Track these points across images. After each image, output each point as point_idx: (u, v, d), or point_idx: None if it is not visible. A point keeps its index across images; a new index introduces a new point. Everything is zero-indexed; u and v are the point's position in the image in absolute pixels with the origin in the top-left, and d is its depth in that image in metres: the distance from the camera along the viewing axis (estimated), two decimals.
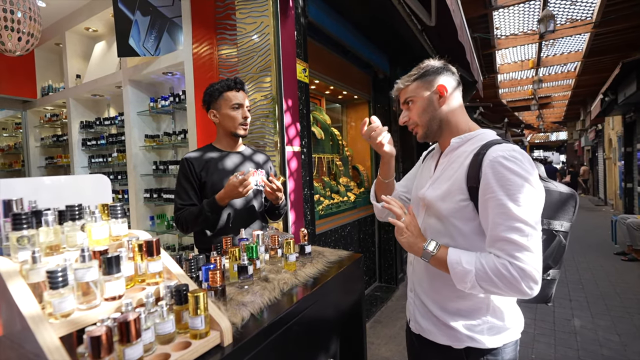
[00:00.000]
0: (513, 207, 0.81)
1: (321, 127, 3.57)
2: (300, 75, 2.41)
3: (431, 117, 1.01)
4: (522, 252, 0.80)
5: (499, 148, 0.87)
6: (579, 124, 16.95)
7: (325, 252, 1.31)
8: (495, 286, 0.81)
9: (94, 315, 0.67)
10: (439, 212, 0.97)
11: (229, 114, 1.52)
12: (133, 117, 2.81)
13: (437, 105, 1.01)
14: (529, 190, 0.82)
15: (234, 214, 1.52)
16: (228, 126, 1.54)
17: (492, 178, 0.84)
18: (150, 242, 0.81)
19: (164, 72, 2.67)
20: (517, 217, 0.81)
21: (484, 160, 0.87)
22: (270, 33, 2.21)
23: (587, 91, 11.13)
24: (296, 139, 2.33)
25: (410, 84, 1.03)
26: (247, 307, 0.89)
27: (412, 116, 1.04)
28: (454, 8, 2.64)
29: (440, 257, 0.88)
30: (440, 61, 1.04)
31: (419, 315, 1.04)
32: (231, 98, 1.52)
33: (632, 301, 3.55)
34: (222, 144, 1.61)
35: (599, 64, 8.45)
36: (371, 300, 3.79)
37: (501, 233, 0.82)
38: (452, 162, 0.99)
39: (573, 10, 6.12)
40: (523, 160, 0.85)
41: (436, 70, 1.02)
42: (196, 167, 1.51)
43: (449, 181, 0.96)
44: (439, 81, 1.01)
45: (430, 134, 1.04)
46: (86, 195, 0.98)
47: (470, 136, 0.99)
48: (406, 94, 1.04)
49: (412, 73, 1.04)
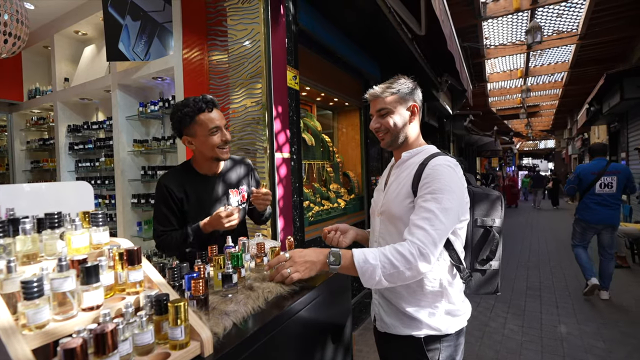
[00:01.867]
0: (432, 204, 0.98)
1: (312, 133, 3.58)
2: (291, 82, 2.42)
3: (401, 130, 1.14)
4: (423, 233, 0.94)
5: (439, 158, 1.06)
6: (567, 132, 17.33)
7: None
8: (397, 271, 0.93)
9: (70, 326, 0.66)
10: (391, 215, 1.10)
11: (207, 140, 1.35)
12: (122, 121, 2.78)
13: (408, 122, 1.15)
14: (449, 192, 0.99)
15: None
16: (208, 153, 1.39)
17: (426, 177, 1.03)
18: (132, 250, 0.80)
19: (153, 77, 2.65)
20: (430, 209, 0.97)
21: (425, 170, 1.04)
22: (261, 40, 2.22)
23: (574, 101, 11.41)
24: (286, 146, 2.33)
25: (389, 95, 1.13)
26: (230, 316, 0.88)
27: (385, 125, 1.14)
28: (443, 18, 2.69)
29: (347, 263, 0.97)
30: (413, 82, 1.17)
31: (384, 313, 1.13)
32: (206, 122, 1.34)
33: (616, 307, 3.61)
34: (202, 167, 1.46)
35: (584, 75, 8.68)
36: (361, 307, 3.78)
37: (415, 220, 0.98)
38: (402, 172, 1.14)
39: (559, 22, 6.30)
40: (454, 168, 1.04)
41: (411, 90, 1.15)
42: (176, 192, 1.40)
43: (399, 187, 1.11)
44: (413, 101, 1.15)
45: (394, 144, 1.17)
46: (68, 202, 0.96)
47: (418, 150, 1.16)
48: (384, 104, 1.14)
49: (391, 86, 1.14)
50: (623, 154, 8.07)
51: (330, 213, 3.45)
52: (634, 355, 2.67)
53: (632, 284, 4.36)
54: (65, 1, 3.01)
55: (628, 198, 7.69)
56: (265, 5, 2.24)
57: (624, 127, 7.90)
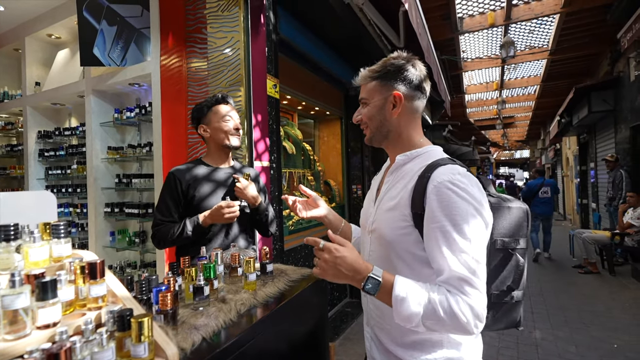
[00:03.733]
0: (459, 240, 0.76)
1: (293, 142, 3.58)
2: (271, 90, 2.42)
3: (380, 124, 0.94)
4: (472, 289, 0.74)
5: (444, 171, 0.81)
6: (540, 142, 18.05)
7: (287, 271, 1.28)
8: (442, 325, 0.74)
9: (21, 346, 0.62)
10: (383, 238, 0.89)
11: (220, 125, 1.51)
12: (95, 127, 2.70)
13: (388, 114, 0.93)
14: (475, 219, 0.78)
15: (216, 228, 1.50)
16: (220, 138, 1.52)
17: (438, 206, 0.78)
18: (94, 263, 0.76)
19: (130, 83, 2.59)
20: (464, 250, 0.76)
21: (429, 185, 0.81)
22: (240, 48, 2.22)
23: (546, 112, 11.91)
24: (265, 154, 2.32)
25: (369, 82, 0.95)
26: (200, 330, 0.85)
27: (363, 117, 0.97)
28: (420, 31, 2.76)
29: (385, 297, 0.77)
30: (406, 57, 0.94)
31: (376, 351, 0.95)
32: (221, 111, 1.53)
33: (587, 312, 3.73)
34: (212, 159, 1.58)
35: (555, 88, 9.10)
36: (341, 316, 3.76)
37: (450, 267, 0.76)
38: (397, 182, 0.92)
39: (531, 38, 6.59)
40: (468, 184, 0.80)
41: (398, 69, 0.91)
42: (183, 183, 1.47)
43: (393, 203, 0.89)
44: (397, 87, 0.91)
45: (375, 140, 0.97)
46: (28, 213, 0.91)
47: (417, 153, 0.93)
48: (363, 93, 0.97)
49: (375, 69, 0.95)
50: (592, 163, 8.46)
51: (310, 222, 3.43)
52: (605, 359, 2.76)
53: (602, 289, 4.53)
54: (38, 3, 2.92)
55: (597, 206, 8.04)
56: (246, 14, 2.24)
57: (592, 138, 8.30)
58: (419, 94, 0.94)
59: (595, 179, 8.17)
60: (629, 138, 5.88)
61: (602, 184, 7.54)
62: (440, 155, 0.91)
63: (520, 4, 5.33)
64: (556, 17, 5.53)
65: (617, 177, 5.71)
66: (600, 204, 7.81)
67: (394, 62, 0.93)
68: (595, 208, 8.13)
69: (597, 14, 5.34)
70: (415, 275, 0.81)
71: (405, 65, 0.92)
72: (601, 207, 7.49)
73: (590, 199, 8.95)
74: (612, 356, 2.79)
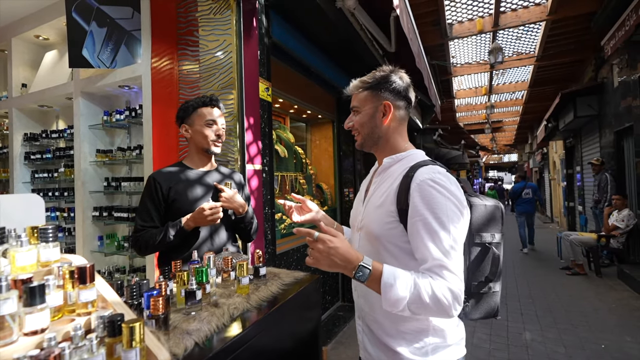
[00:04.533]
0: (439, 231, 0.83)
1: (285, 145, 3.58)
2: (263, 94, 2.42)
3: (371, 131, 1.01)
4: (450, 274, 0.81)
5: (425, 171, 0.90)
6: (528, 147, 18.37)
7: (281, 274, 1.28)
8: (425, 308, 0.79)
9: (8, 353, 0.60)
10: (371, 233, 0.97)
11: (202, 130, 1.47)
12: (84, 130, 2.65)
13: (379, 122, 1.00)
14: (454, 212, 0.85)
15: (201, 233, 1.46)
16: (200, 142, 1.49)
17: (420, 201, 0.86)
18: (83, 268, 0.74)
19: (120, 85, 2.56)
20: (443, 240, 0.83)
21: (412, 183, 0.89)
22: (233, 51, 2.21)
23: (533, 117, 12.16)
24: (257, 157, 2.31)
25: (360, 91, 1.02)
26: (192, 335, 0.84)
27: (355, 124, 1.04)
28: (411, 37, 2.80)
29: (374, 283, 0.82)
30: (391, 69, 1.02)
31: (368, 342, 1.00)
32: (205, 114, 1.48)
33: (575, 314, 3.79)
34: (194, 162, 1.54)
35: (542, 93, 9.30)
36: (334, 320, 3.75)
37: (432, 256, 0.82)
38: (383, 182, 1.00)
39: (518, 44, 6.74)
40: (447, 182, 0.88)
41: (386, 81, 0.99)
42: (163, 186, 1.42)
43: (380, 201, 0.96)
44: (387, 97, 0.99)
45: (366, 145, 1.05)
46: (15, 217, 0.89)
47: (402, 156, 1.00)
48: (355, 101, 1.04)
49: (366, 80, 1.02)
50: (578, 167, 8.65)
51: (302, 225, 3.42)
52: None
53: (589, 291, 4.61)
54: (25, 4, 2.87)
55: (583, 209, 8.22)
56: (238, 17, 2.24)
57: (578, 142, 8.50)
58: (405, 102, 1.02)
59: (581, 182, 8.36)
60: (613, 142, 6.04)
61: (588, 187, 7.72)
62: (422, 157, 0.99)
63: (508, 11, 5.45)
64: (542, 24, 5.67)
65: (603, 181, 5.85)
66: (586, 206, 7.98)
67: (382, 74, 1.01)
68: (582, 211, 8.30)
69: (582, 21, 5.49)
70: (402, 266, 0.86)
71: (392, 77, 1.00)
72: (587, 210, 7.65)
73: (576, 202, 9.13)
74: (599, 357, 2.84)
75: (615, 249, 5.21)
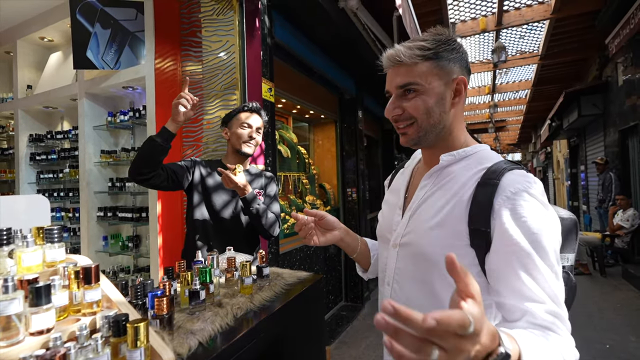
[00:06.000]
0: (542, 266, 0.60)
1: (288, 145, 3.58)
2: (266, 94, 2.42)
3: (438, 119, 0.72)
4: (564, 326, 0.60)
5: (516, 178, 0.65)
6: (531, 146, 18.28)
7: (284, 274, 1.28)
8: None
9: (14, 353, 0.61)
10: (421, 255, 0.72)
11: (237, 131, 1.62)
12: (88, 131, 2.67)
13: (448, 105, 0.73)
14: (557, 238, 0.64)
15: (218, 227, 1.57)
16: (234, 143, 1.63)
17: (514, 223, 0.62)
18: (89, 268, 0.75)
19: (124, 86, 2.58)
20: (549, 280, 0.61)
21: (498, 196, 0.64)
22: (235, 52, 2.22)
23: (537, 116, 12.09)
24: (260, 158, 2.31)
25: (419, 61, 0.71)
26: (196, 335, 0.85)
27: (410, 110, 0.72)
28: (414, 36, 2.79)
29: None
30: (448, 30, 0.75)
31: None
32: (242, 118, 1.63)
33: (580, 313, 3.77)
34: (228, 161, 1.68)
35: (545, 92, 9.25)
36: (337, 320, 3.75)
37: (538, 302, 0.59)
38: (441, 188, 0.74)
39: (522, 43, 6.71)
40: (544, 195, 0.65)
41: (454, 47, 0.72)
42: (198, 167, 1.61)
43: (440, 216, 0.71)
44: (456, 70, 0.72)
45: (425, 140, 0.75)
46: (21, 217, 0.90)
47: (465, 153, 0.74)
48: (410, 76, 0.71)
49: (426, 44, 0.71)
50: (582, 166, 8.59)
51: None
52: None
53: (593, 290, 4.58)
54: (30, 5, 2.89)
55: (588, 208, 8.16)
56: (241, 18, 2.25)
57: (582, 141, 8.44)
58: (469, 77, 0.75)
59: (585, 181, 8.30)
60: (617, 141, 5.99)
61: (592, 187, 7.67)
62: (496, 157, 0.74)
63: (511, 9, 5.42)
64: (546, 23, 5.64)
65: (607, 180, 5.81)
66: (590, 206, 7.93)
67: (445, 37, 0.72)
68: (586, 210, 8.25)
69: (585, 20, 5.45)
70: None
71: (456, 41, 0.73)
72: (592, 209, 7.60)
73: (580, 201, 9.08)
74: (605, 356, 2.82)
75: (619, 248, 5.17)
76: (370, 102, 5.15)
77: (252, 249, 1.66)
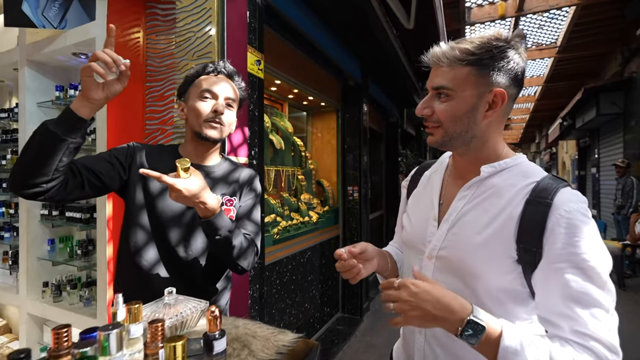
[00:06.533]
0: (593, 290, 0.60)
1: (282, 135, 3.08)
2: (253, 67, 1.91)
3: (465, 128, 0.70)
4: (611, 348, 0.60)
5: (570, 197, 0.64)
6: (534, 146, 17.89)
7: (255, 340, 0.75)
8: None
9: None
10: (463, 270, 0.70)
11: (194, 105, 1.03)
12: (31, 108, 2.14)
13: (480, 116, 0.70)
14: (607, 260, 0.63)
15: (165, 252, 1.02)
16: (191, 124, 1.05)
17: (569, 243, 0.61)
18: None
19: (74, 53, 2.04)
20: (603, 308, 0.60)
21: (552, 215, 0.63)
22: (212, 8, 1.70)
23: (544, 115, 11.65)
24: (243, 148, 1.81)
25: (458, 66, 0.68)
26: None
27: (438, 113, 0.71)
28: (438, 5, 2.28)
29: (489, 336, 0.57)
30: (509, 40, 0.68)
31: None
32: (201, 83, 1.05)
33: None
34: (186, 151, 1.10)
35: (555, 90, 8.80)
36: (332, 336, 3.28)
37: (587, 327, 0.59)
38: (485, 201, 0.71)
39: (540, 33, 6.21)
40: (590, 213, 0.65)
41: (503, 57, 0.67)
42: (139, 157, 1.04)
43: (487, 233, 0.68)
44: (499, 81, 0.68)
45: (449, 145, 0.74)
46: None
47: (506, 165, 0.73)
48: (445, 80, 0.69)
49: (472, 49, 0.67)
50: (594, 168, 8.16)
51: (300, 228, 2.94)
52: None
53: None
54: None
55: (598, 213, 7.75)
56: None
57: (595, 142, 8.00)
58: (517, 91, 0.72)
59: (598, 184, 7.88)
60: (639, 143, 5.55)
61: (606, 190, 7.24)
62: (539, 170, 0.73)
63: None
64: (570, 10, 5.14)
65: (628, 185, 5.38)
66: (602, 211, 7.52)
67: (497, 45, 0.67)
68: (597, 215, 7.84)
69: (613, 9, 4.97)
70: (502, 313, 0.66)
71: (510, 52, 0.68)
72: (606, 215, 7.18)
73: (590, 206, 8.69)
74: None
75: None
76: (375, 90, 4.61)
77: (215, 285, 1.11)
